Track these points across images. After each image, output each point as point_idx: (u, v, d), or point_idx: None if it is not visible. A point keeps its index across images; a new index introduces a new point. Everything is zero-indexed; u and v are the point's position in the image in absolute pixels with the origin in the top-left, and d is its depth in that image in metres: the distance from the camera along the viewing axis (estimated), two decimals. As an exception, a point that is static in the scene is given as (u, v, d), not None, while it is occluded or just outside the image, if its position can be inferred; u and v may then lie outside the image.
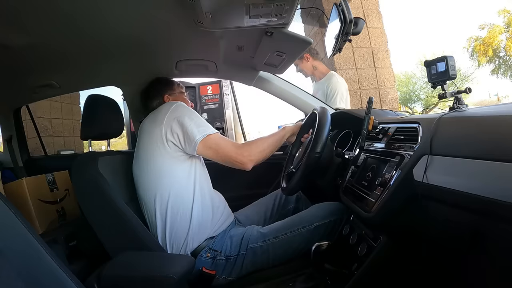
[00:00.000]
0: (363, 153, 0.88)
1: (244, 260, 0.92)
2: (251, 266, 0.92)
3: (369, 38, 3.75)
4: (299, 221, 0.96)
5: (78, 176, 0.91)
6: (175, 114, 0.96)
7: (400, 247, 0.68)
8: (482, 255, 0.52)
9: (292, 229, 0.94)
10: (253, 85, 1.46)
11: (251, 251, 0.92)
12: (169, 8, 0.83)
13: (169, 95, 1.15)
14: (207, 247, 0.93)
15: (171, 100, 1.12)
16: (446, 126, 0.60)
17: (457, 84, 0.82)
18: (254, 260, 0.92)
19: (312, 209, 1.00)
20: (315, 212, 0.98)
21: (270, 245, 0.92)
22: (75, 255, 1.14)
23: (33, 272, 0.43)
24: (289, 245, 0.92)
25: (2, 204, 0.44)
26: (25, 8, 0.76)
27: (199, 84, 2.57)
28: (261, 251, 0.92)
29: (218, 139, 0.95)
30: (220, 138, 0.96)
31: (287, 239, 0.93)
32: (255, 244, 0.93)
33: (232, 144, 0.97)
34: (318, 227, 0.94)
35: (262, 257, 0.92)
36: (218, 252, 0.92)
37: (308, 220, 0.95)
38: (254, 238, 0.94)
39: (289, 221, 0.98)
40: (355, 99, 3.65)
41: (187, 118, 0.95)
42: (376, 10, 3.86)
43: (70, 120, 4.50)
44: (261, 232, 0.95)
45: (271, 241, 0.93)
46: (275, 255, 0.92)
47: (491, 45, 11.61)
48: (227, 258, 0.92)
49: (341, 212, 0.96)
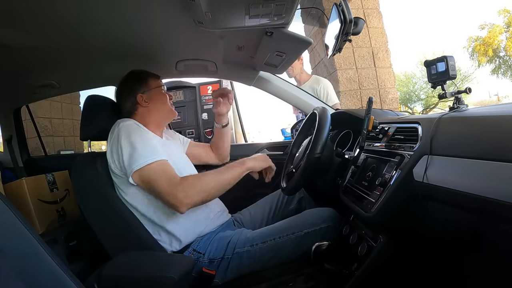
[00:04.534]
0: (363, 153, 0.88)
1: (229, 264, 0.89)
2: (236, 270, 0.89)
3: (369, 38, 3.75)
4: (289, 227, 0.92)
5: (78, 176, 0.91)
6: (118, 137, 0.88)
7: (400, 247, 0.68)
8: (482, 255, 0.52)
9: (281, 234, 0.90)
10: (253, 85, 1.46)
11: (237, 255, 0.89)
12: (169, 8, 0.83)
13: (143, 93, 1.01)
14: (191, 248, 0.91)
15: (144, 99, 1.01)
16: (446, 126, 0.60)
17: (457, 84, 0.82)
18: (239, 265, 0.89)
19: (303, 215, 0.97)
20: (306, 219, 0.94)
21: (257, 250, 0.89)
22: (75, 255, 1.14)
23: (33, 272, 0.43)
24: (277, 250, 0.89)
25: (2, 204, 0.44)
26: (25, 8, 0.76)
27: (199, 84, 2.57)
28: (248, 256, 0.89)
29: (155, 171, 0.84)
30: (157, 170, 0.84)
31: (275, 245, 0.89)
32: (242, 248, 0.89)
33: (168, 179, 0.84)
34: (308, 234, 0.90)
35: (249, 262, 0.89)
36: (201, 254, 0.90)
37: (298, 226, 0.92)
38: (241, 243, 0.90)
39: (278, 226, 0.94)
40: (355, 99, 3.65)
41: (127, 143, 0.86)
42: (376, 10, 3.86)
43: (70, 120, 4.49)
44: (248, 237, 0.92)
45: (259, 246, 0.89)
46: (262, 261, 0.89)
47: (491, 45, 11.61)
48: (210, 261, 0.89)
49: (333, 219, 0.93)
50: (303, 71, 2.10)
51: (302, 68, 2.11)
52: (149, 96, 1.02)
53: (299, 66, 2.08)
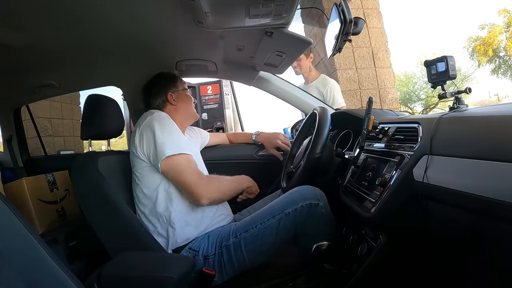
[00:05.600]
0: (363, 153, 0.88)
1: (221, 260, 0.87)
2: (230, 266, 0.87)
3: (369, 38, 3.75)
4: (270, 211, 0.88)
5: (78, 176, 0.91)
6: (151, 124, 0.94)
7: (400, 247, 0.68)
8: (482, 255, 0.52)
9: (263, 220, 0.87)
10: (253, 85, 1.46)
11: (225, 249, 0.87)
12: (169, 8, 0.83)
13: (173, 93, 1.10)
14: (188, 247, 0.91)
15: (174, 98, 1.09)
16: (446, 126, 0.60)
17: (457, 84, 0.82)
18: (230, 260, 0.87)
19: (284, 196, 0.92)
20: (286, 199, 0.90)
21: (241, 240, 0.87)
22: (75, 255, 1.14)
23: (33, 272, 0.43)
24: (261, 238, 0.86)
25: (2, 204, 0.44)
26: (25, 8, 0.76)
27: (199, 84, 2.57)
28: (234, 248, 0.87)
29: (185, 162, 0.91)
30: (187, 162, 0.91)
31: (258, 232, 0.86)
32: (228, 241, 0.88)
33: (197, 172, 0.92)
34: (288, 215, 0.85)
35: (237, 255, 0.87)
36: (196, 252, 0.89)
37: (279, 208, 0.87)
38: (227, 235, 0.89)
39: (260, 212, 0.91)
40: (355, 99, 3.65)
41: (160, 131, 0.92)
42: (376, 10, 3.86)
43: (70, 120, 4.49)
44: (233, 228, 0.90)
45: (243, 236, 0.87)
46: (248, 251, 0.86)
47: (491, 45, 11.60)
48: (205, 258, 0.88)
49: (315, 195, 0.87)
50: (312, 69, 2.02)
51: (311, 66, 2.03)
52: (178, 96, 1.10)
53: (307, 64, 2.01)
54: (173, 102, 1.09)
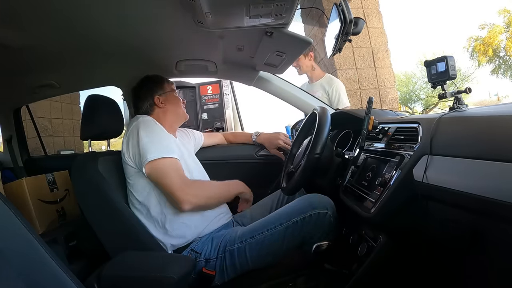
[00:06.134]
0: (363, 153, 0.88)
1: (224, 264, 0.88)
2: (232, 270, 0.88)
3: (369, 38, 3.75)
4: (277, 218, 0.89)
5: (78, 176, 0.91)
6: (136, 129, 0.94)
7: (400, 247, 0.68)
8: (482, 255, 0.52)
9: (269, 227, 0.87)
10: (253, 85, 1.46)
11: (229, 254, 0.88)
12: (169, 8, 0.83)
13: (160, 96, 1.09)
14: (190, 248, 0.91)
15: (161, 100, 1.09)
16: (446, 126, 0.60)
17: (457, 84, 0.82)
18: (233, 264, 0.87)
19: (293, 203, 0.92)
20: (294, 206, 0.90)
21: (246, 246, 0.87)
22: (75, 255, 1.14)
23: (33, 272, 0.43)
24: (267, 244, 0.86)
25: (2, 204, 0.44)
26: (25, 8, 0.76)
27: (199, 84, 2.57)
28: (238, 253, 0.87)
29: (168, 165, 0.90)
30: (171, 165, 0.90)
31: (264, 239, 0.86)
32: (232, 246, 0.88)
33: (181, 176, 0.90)
34: (296, 223, 0.85)
35: (240, 259, 0.87)
36: (198, 254, 0.89)
37: (287, 215, 0.87)
38: (232, 240, 0.89)
39: (267, 218, 0.91)
40: (355, 99, 3.65)
41: (145, 136, 0.92)
42: (376, 10, 3.86)
43: (70, 120, 4.49)
44: (239, 234, 0.90)
45: (248, 242, 0.87)
46: (252, 256, 0.87)
47: (491, 45, 11.60)
48: (206, 260, 0.88)
49: (324, 204, 0.88)
50: (315, 68, 2.02)
51: (313, 65, 2.03)
52: (165, 98, 1.10)
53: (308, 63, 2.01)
54: (161, 105, 1.08)
